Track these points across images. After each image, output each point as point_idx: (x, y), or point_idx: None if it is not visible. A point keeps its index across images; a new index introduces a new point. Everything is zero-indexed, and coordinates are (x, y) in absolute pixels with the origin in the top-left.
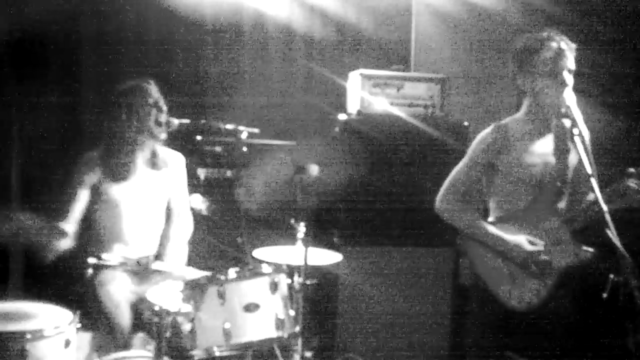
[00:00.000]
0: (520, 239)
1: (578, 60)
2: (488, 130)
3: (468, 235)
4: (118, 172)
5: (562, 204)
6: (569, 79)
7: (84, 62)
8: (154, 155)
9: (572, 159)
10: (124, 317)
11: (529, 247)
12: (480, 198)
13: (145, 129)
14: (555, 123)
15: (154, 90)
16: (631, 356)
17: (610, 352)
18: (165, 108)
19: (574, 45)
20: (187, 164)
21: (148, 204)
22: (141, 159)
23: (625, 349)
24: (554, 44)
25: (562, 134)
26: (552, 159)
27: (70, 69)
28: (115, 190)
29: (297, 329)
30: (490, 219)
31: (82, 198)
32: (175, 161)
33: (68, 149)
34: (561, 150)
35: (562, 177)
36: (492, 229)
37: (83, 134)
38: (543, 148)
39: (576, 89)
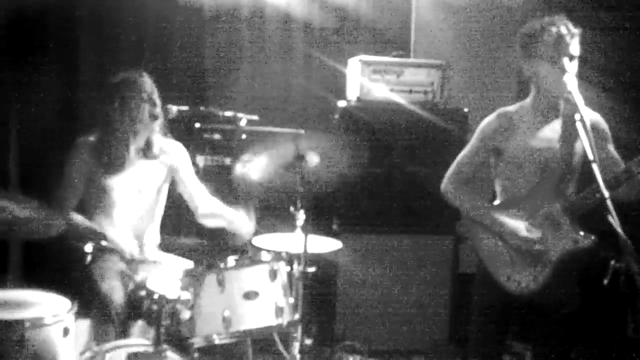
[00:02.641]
0: (519, 225)
1: (584, 47)
2: (493, 115)
3: (470, 219)
4: (112, 163)
5: (568, 190)
6: (570, 65)
7: (82, 49)
8: (148, 144)
9: (579, 145)
10: (120, 305)
11: (525, 234)
12: (488, 182)
13: (139, 120)
14: (563, 108)
15: (147, 83)
16: (630, 342)
17: (609, 338)
18: (158, 102)
19: (577, 30)
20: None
21: (142, 193)
22: (135, 148)
23: (625, 335)
24: (554, 29)
25: (569, 120)
26: (557, 145)
27: (69, 57)
28: (109, 181)
29: (297, 316)
30: (496, 202)
31: (77, 183)
32: (174, 150)
33: (66, 137)
34: (568, 136)
35: (567, 162)
36: (493, 213)
37: (80, 121)
38: (549, 133)
39: (581, 76)
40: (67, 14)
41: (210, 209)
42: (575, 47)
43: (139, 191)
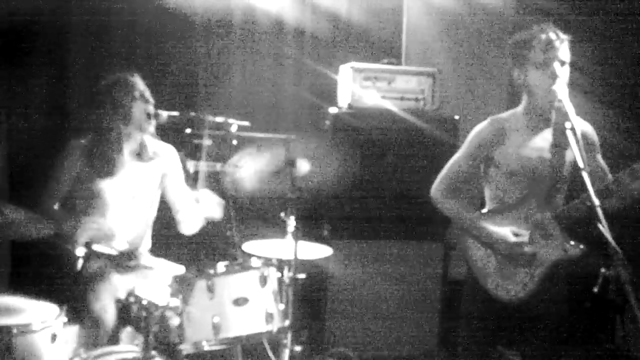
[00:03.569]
0: (505, 231)
1: (574, 55)
2: (484, 123)
3: (459, 227)
4: (105, 166)
5: (557, 199)
6: (561, 71)
7: (73, 53)
8: (141, 147)
9: (570, 155)
10: (109, 314)
11: (513, 239)
12: (477, 189)
13: (132, 121)
14: (554, 118)
15: (139, 82)
16: (619, 349)
17: (598, 346)
18: (152, 100)
19: (565, 36)
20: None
21: (136, 196)
22: (128, 151)
23: (613, 343)
24: (543, 36)
25: (560, 129)
26: (548, 154)
27: (60, 61)
28: (102, 185)
29: (287, 323)
30: (485, 209)
31: (64, 183)
32: (166, 153)
33: (56, 139)
34: (558, 145)
35: (557, 171)
36: (481, 221)
37: (71, 125)
38: (540, 142)
39: (572, 84)
40: (58, 21)
41: (190, 216)
42: (564, 53)
43: (132, 195)
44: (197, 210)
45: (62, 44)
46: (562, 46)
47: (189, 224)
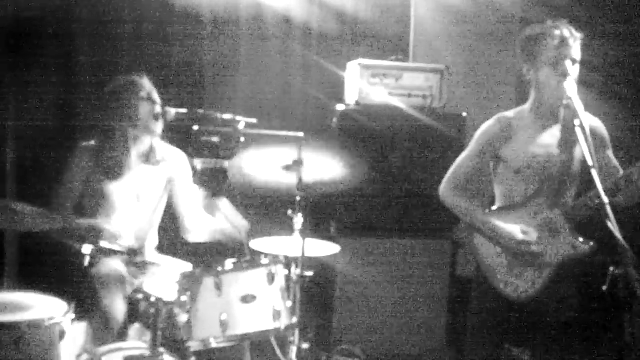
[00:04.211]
0: (514, 229)
1: (585, 52)
2: (492, 121)
3: (468, 224)
4: (112, 169)
5: (566, 196)
6: (572, 69)
7: (81, 52)
8: (150, 150)
9: (579, 152)
10: (119, 310)
11: (521, 237)
12: (487, 187)
13: (140, 123)
14: (563, 114)
15: (146, 83)
16: (628, 349)
17: (607, 345)
18: (159, 101)
19: (579, 35)
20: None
21: (143, 199)
22: (136, 154)
23: (623, 342)
24: (557, 32)
25: (569, 126)
26: (556, 151)
27: (67, 60)
28: (110, 187)
29: (294, 320)
30: (494, 207)
31: (75, 189)
32: (175, 158)
33: (63, 139)
34: (567, 142)
35: (566, 169)
36: (489, 219)
37: (79, 123)
38: (548, 139)
39: (581, 81)
40: (65, 21)
41: (197, 225)
42: (577, 51)
43: (138, 197)
44: (207, 217)
45: (69, 44)
46: (575, 44)
47: (194, 232)
